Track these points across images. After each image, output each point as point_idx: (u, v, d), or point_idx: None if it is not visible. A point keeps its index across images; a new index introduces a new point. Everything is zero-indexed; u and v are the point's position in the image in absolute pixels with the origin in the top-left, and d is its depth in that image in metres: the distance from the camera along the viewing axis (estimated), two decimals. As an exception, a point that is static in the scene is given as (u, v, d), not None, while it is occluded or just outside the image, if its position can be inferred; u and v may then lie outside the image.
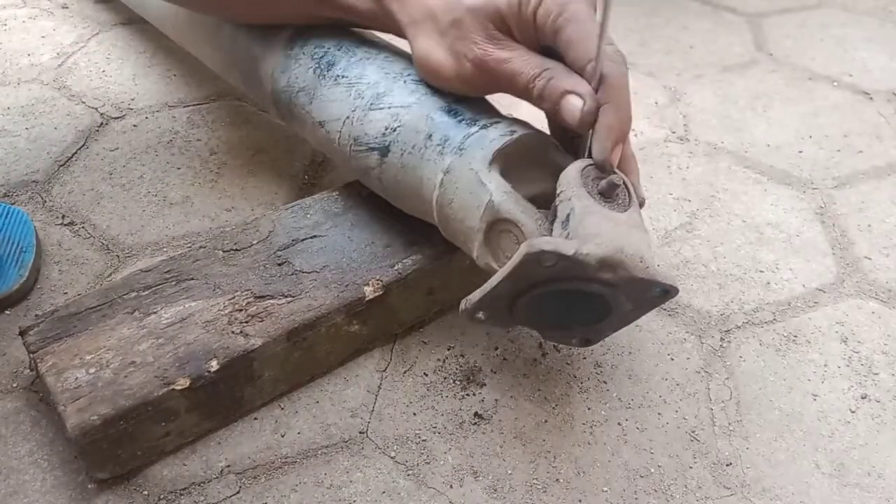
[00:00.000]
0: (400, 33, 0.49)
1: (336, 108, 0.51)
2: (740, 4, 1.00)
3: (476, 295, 0.41)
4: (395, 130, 0.48)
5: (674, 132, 0.76)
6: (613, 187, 0.40)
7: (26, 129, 0.71)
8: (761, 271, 0.60)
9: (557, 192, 0.41)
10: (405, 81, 0.49)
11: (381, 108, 0.49)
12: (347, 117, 0.51)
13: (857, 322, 0.56)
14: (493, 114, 0.47)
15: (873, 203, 0.67)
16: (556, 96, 0.42)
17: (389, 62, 0.51)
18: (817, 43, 0.92)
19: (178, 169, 0.67)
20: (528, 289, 0.41)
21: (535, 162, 0.45)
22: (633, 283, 0.40)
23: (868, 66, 0.87)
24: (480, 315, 0.43)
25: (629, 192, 0.41)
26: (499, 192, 0.42)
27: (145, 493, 0.44)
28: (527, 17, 0.44)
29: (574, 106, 0.41)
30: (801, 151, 0.73)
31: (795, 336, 0.54)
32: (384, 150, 0.48)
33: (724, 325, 0.55)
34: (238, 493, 0.44)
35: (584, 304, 0.42)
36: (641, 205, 0.44)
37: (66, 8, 0.92)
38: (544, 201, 0.43)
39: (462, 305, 0.42)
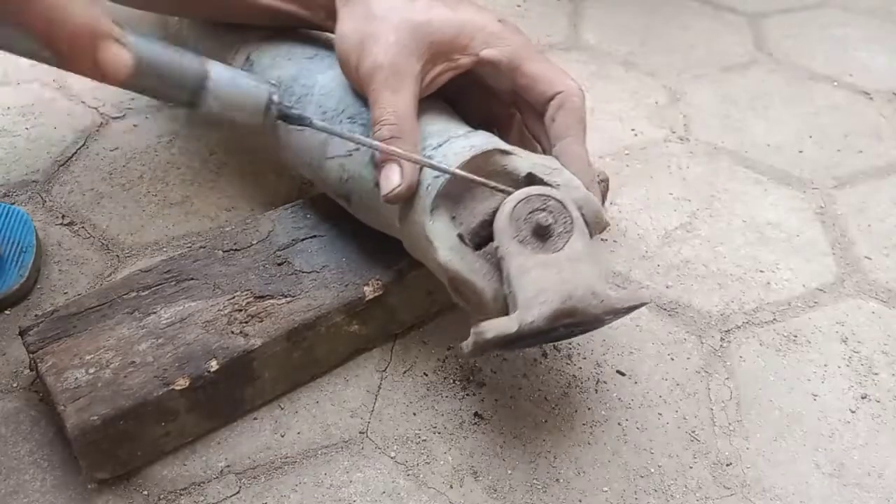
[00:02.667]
0: (331, 15, 0.48)
1: (299, 155, 0.52)
2: (740, 4, 1.00)
3: (465, 347, 0.40)
4: (346, 181, 0.48)
5: (674, 132, 0.76)
6: (545, 228, 0.39)
7: (26, 129, 0.71)
8: (761, 271, 0.60)
9: (495, 245, 0.40)
10: (342, 122, 0.48)
11: (330, 158, 0.49)
12: (309, 164, 0.51)
13: (857, 322, 0.56)
14: (430, 138, 0.45)
15: (873, 203, 0.67)
16: (384, 156, 0.42)
17: (325, 97, 0.49)
18: (817, 43, 0.92)
19: (178, 169, 0.67)
20: (507, 344, 0.40)
21: (486, 174, 0.43)
22: (595, 318, 0.39)
23: (868, 66, 0.87)
24: (480, 355, 0.43)
25: (569, 216, 0.40)
26: (444, 250, 0.41)
27: (145, 493, 0.44)
28: (465, 49, 0.45)
29: (389, 179, 0.42)
30: (801, 151, 0.73)
31: (795, 336, 0.54)
32: (347, 197, 0.49)
33: (724, 325, 0.55)
34: (238, 493, 0.44)
35: (569, 329, 0.42)
36: (599, 228, 0.43)
37: (66, 8, 0.92)
38: None
39: (460, 349, 0.42)
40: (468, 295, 0.42)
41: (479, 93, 0.50)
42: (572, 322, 0.39)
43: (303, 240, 0.52)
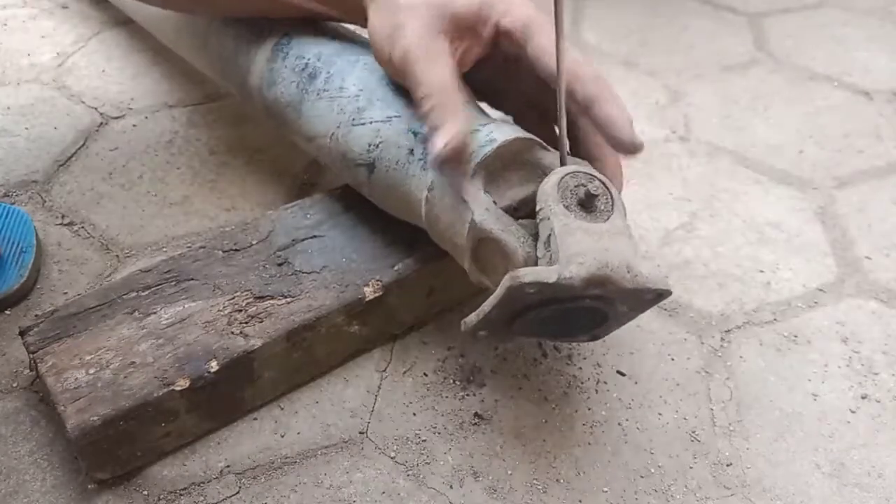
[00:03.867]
0: (362, 14, 0.49)
1: (321, 123, 0.51)
2: (740, 4, 1.00)
3: (472, 318, 0.41)
4: (377, 147, 0.47)
5: (674, 132, 0.75)
6: (592, 198, 0.39)
7: (26, 129, 0.71)
8: (761, 271, 0.60)
9: (537, 208, 0.40)
10: (384, 92, 0.48)
11: (362, 124, 0.48)
12: (333, 133, 0.50)
13: (857, 322, 0.56)
14: (476, 119, 0.46)
15: (873, 203, 0.67)
16: (433, 125, 0.42)
17: (368, 70, 0.50)
18: (817, 43, 0.92)
19: (178, 169, 0.67)
20: (522, 311, 0.41)
21: (520, 164, 0.44)
22: (625, 293, 0.40)
23: (868, 66, 0.87)
24: (482, 333, 0.43)
25: (611, 197, 0.41)
26: (480, 210, 0.42)
27: (145, 493, 0.44)
28: (487, 20, 0.44)
29: (434, 144, 0.42)
30: (801, 151, 0.73)
31: (795, 336, 0.54)
32: (370, 167, 0.48)
33: (724, 325, 0.55)
34: (238, 493, 0.44)
35: (582, 314, 0.42)
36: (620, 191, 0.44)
37: (67, 8, 0.92)
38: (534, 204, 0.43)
39: (462, 326, 0.42)
40: (495, 261, 0.42)
41: (526, 77, 0.48)
42: (599, 295, 0.39)
43: (303, 240, 0.52)
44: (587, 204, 0.40)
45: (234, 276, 0.49)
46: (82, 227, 0.61)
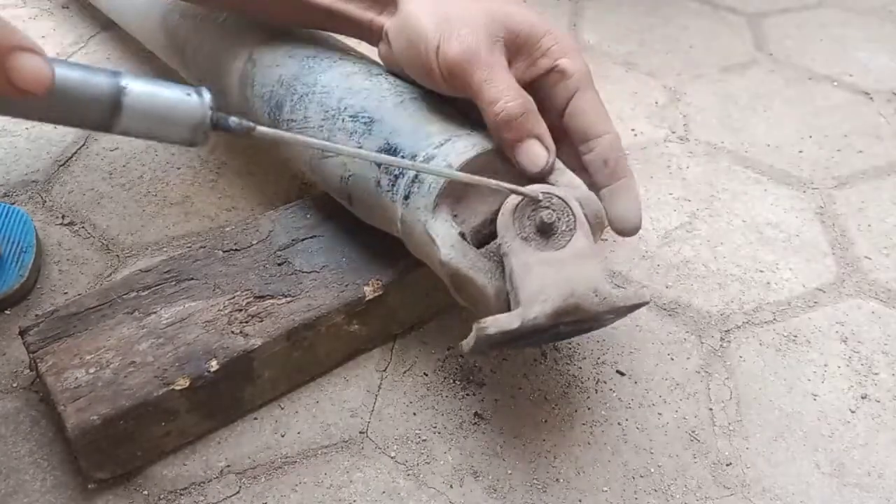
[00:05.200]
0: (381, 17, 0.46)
1: (297, 153, 0.52)
2: (740, 4, 1.00)
3: (465, 345, 0.40)
4: (348, 179, 0.48)
5: (674, 132, 0.75)
6: (548, 226, 0.39)
7: (26, 128, 0.71)
8: (761, 271, 0.60)
9: (498, 240, 0.40)
10: (343, 120, 0.47)
11: (329, 156, 0.49)
12: (308, 163, 0.51)
13: (857, 322, 0.56)
14: (433, 137, 0.44)
15: (873, 203, 0.67)
16: (521, 133, 0.41)
17: (327, 96, 0.49)
18: (817, 43, 0.92)
19: (178, 169, 0.67)
20: (507, 341, 0.41)
21: (491, 174, 0.42)
22: (598, 315, 0.39)
23: (868, 66, 0.87)
24: (479, 355, 0.42)
25: (572, 214, 0.40)
26: (446, 248, 0.41)
27: (145, 493, 0.44)
28: (546, 51, 0.43)
29: (537, 155, 0.41)
30: (801, 151, 0.73)
31: (795, 336, 0.54)
32: (348, 197, 0.49)
33: (724, 325, 0.55)
34: (238, 493, 0.44)
35: (565, 332, 0.41)
36: (600, 228, 0.43)
37: (67, 8, 0.92)
38: None
39: (461, 348, 0.42)
40: (470, 293, 0.42)
41: (550, 112, 0.46)
42: (574, 320, 0.39)
43: (303, 240, 0.52)
44: (545, 230, 0.39)
45: (234, 276, 0.49)
46: (82, 227, 0.61)
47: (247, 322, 0.46)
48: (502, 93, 0.41)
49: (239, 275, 0.49)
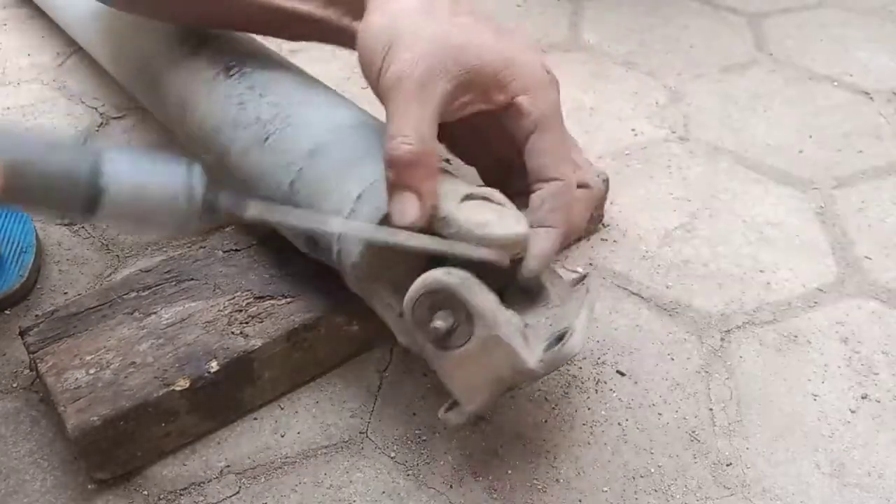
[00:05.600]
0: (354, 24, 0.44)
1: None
2: (740, 4, 1.00)
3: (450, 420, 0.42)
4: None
5: (674, 132, 0.75)
6: (445, 334, 0.38)
7: (26, 129, 0.71)
8: (761, 271, 0.60)
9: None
10: (261, 182, 0.47)
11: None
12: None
13: (857, 322, 0.56)
14: (355, 183, 0.42)
15: (873, 203, 0.67)
16: (401, 180, 0.38)
17: (243, 153, 0.49)
18: (817, 43, 0.92)
19: (178, 169, 0.67)
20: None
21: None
22: (536, 378, 0.41)
23: (868, 66, 0.87)
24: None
25: (463, 303, 0.37)
26: (398, 334, 0.42)
27: (145, 493, 0.44)
28: (505, 87, 0.40)
29: (405, 211, 0.38)
30: (801, 151, 0.73)
31: (795, 336, 0.54)
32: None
33: (724, 325, 0.55)
34: (238, 493, 0.44)
35: None
36: (513, 250, 0.39)
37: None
38: None
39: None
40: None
41: (505, 141, 0.44)
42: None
43: (303, 240, 0.52)
44: (445, 337, 0.38)
45: (235, 276, 0.49)
46: (82, 227, 0.61)
47: (247, 323, 0.46)
48: (402, 130, 0.38)
49: (239, 275, 0.49)
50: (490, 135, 0.46)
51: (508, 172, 0.45)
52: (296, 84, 0.51)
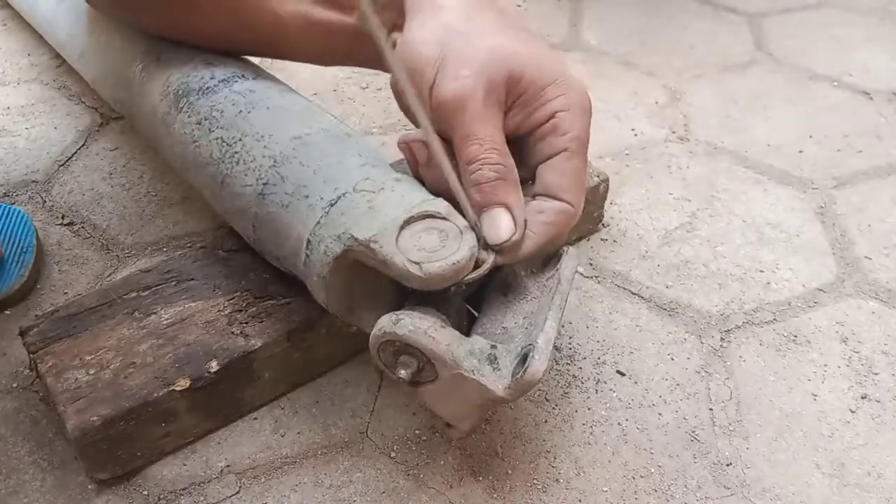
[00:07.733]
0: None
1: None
2: (740, 4, 1.00)
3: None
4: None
5: (674, 132, 0.76)
6: (412, 376, 0.38)
7: (26, 129, 0.71)
8: (761, 271, 0.60)
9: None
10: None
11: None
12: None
13: (857, 322, 0.56)
14: (329, 187, 0.42)
15: (873, 203, 0.67)
16: (490, 199, 0.38)
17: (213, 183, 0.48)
18: (817, 43, 0.92)
19: (178, 169, 0.67)
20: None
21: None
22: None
23: (868, 66, 0.87)
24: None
25: (416, 345, 0.37)
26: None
27: (145, 493, 0.44)
28: (547, 104, 0.39)
29: (501, 227, 0.38)
30: (801, 151, 0.73)
31: (795, 336, 0.54)
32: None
33: (724, 325, 0.55)
34: (238, 493, 0.44)
35: None
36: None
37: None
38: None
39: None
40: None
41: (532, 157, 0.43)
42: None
43: (303, 240, 0.52)
44: (413, 379, 0.39)
45: (235, 276, 0.49)
46: (82, 227, 0.61)
47: (247, 323, 0.46)
48: (481, 153, 0.38)
49: (239, 275, 0.49)
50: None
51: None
52: (237, 109, 0.48)
